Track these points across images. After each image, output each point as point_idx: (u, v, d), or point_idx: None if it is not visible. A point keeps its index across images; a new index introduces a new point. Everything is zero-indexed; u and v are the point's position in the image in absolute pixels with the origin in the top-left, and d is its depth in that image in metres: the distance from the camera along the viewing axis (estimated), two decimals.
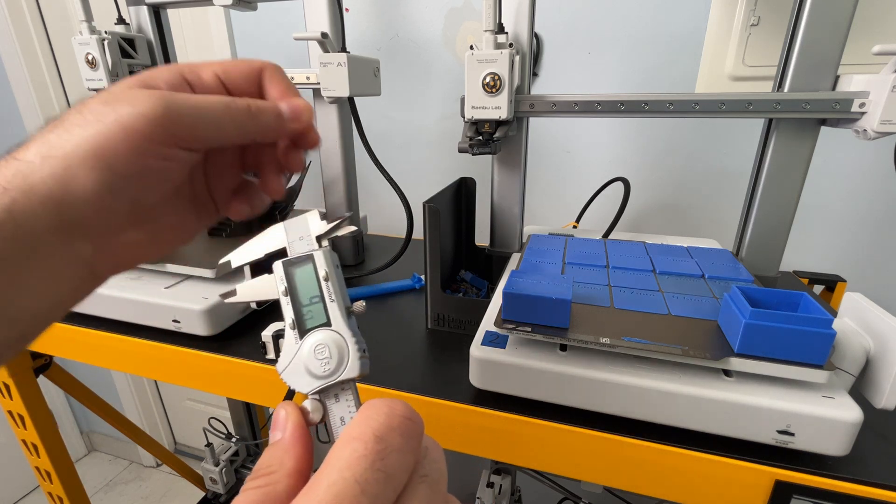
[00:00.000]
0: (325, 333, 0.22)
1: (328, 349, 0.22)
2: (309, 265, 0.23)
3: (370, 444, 0.16)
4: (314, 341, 0.22)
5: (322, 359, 0.22)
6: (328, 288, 0.23)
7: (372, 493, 0.15)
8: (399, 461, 0.17)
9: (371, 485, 0.16)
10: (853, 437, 0.36)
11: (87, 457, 1.93)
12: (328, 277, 0.23)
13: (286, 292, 0.23)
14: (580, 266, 0.55)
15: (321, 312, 0.22)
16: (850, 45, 0.50)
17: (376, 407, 0.18)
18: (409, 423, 0.18)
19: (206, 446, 1.08)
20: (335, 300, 0.22)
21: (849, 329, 0.39)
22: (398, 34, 0.96)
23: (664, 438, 0.40)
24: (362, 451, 0.16)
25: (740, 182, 0.68)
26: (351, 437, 0.17)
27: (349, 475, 0.15)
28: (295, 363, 0.22)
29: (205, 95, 0.24)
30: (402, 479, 0.17)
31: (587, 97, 0.56)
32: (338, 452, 0.16)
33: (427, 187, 0.64)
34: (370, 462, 0.16)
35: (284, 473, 0.18)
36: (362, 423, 0.17)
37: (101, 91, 0.23)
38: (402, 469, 0.17)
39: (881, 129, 0.47)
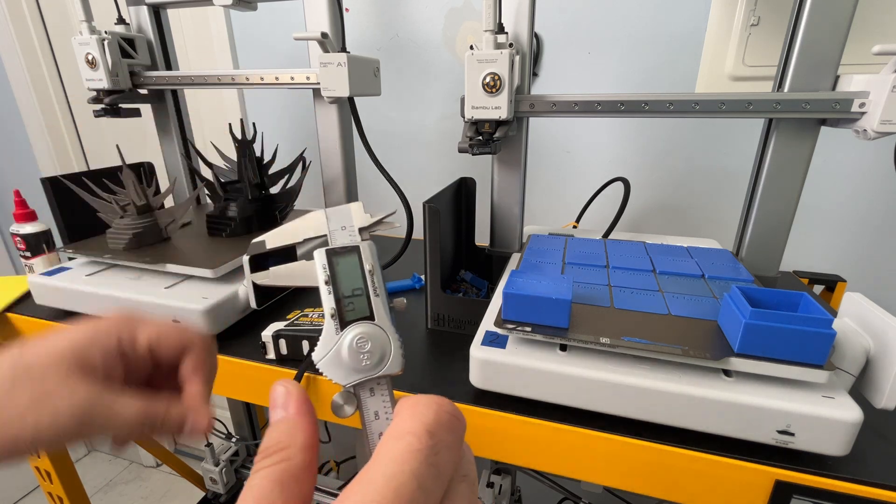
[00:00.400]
0: (368, 327, 0.22)
1: (370, 343, 0.22)
2: (354, 256, 0.23)
3: (423, 439, 0.16)
4: (356, 334, 0.22)
5: (364, 352, 0.21)
6: (373, 282, 0.22)
7: (426, 489, 0.16)
8: (448, 458, 0.17)
9: (426, 479, 0.16)
10: (853, 437, 0.36)
11: (87, 457, 1.92)
12: (373, 271, 0.23)
13: (328, 281, 0.22)
14: (580, 266, 0.55)
15: (364, 305, 0.22)
16: (850, 45, 0.50)
17: (425, 403, 0.18)
18: (456, 421, 0.18)
19: (206, 446, 1.08)
20: (379, 295, 0.22)
21: (849, 329, 0.39)
22: (398, 34, 0.96)
23: (664, 438, 0.40)
24: (417, 445, 0.16)
25: (740, 182, 0.68)
26: (404, 430, 0.17)
27: (406, 469, 0.15)
28: (334, 354, 0.21)
29: (125, 402, 0.26)
30: (449, 476, 0.17)
31: (587, 97, 0.56)
32: (391, 445, 0.16)
33: (427, 187, 0.64)
34: (424, 457, 0.16)
35: (297, 448, 0.18)
36: (413, 419, 0.17)
37: (32, 368, 0.24)
38: (451, 466, 0.17)
39: (881, 129, 0.47)
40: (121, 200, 0.66)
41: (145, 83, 0.78)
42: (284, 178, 0.79)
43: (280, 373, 0.52)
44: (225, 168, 0.77)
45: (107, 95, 0.75)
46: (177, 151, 0.87)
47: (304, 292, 0.69)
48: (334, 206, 0.24)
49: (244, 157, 0.73)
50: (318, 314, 0.57)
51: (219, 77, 0.72)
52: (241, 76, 0.71)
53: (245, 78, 0.71)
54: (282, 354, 0.53)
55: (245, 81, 0.71)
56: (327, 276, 0.22)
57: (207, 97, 1.19)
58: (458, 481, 0.18)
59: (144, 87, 0.79)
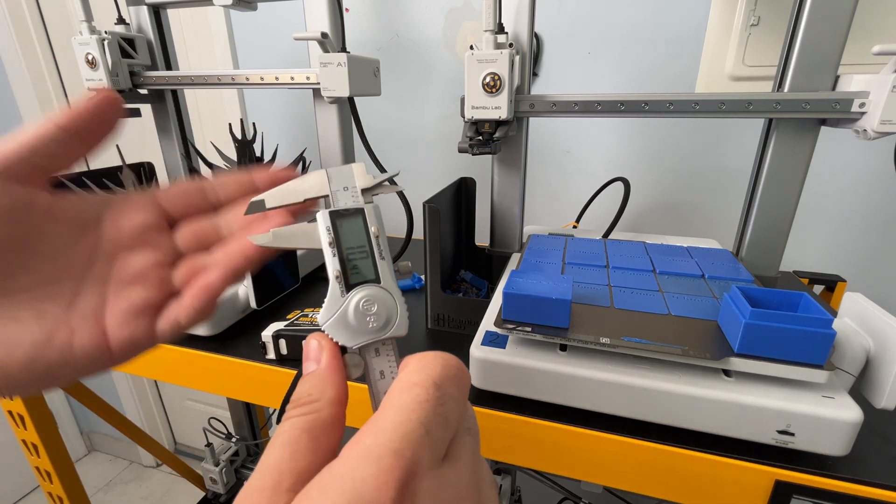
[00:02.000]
0: (374, 290, 0.22)
1: (377, 305, 0.22)
2: (358, 218, 0.23)
3: (431, 390, 0.17)
4: (362, 296, 0.22)
5: (371, 314, 0.22)
6: (378, 244, 0.22)
7: (434, 436, 0.16)
8: (454, 408, 0.18)
9: (433, 427, 0.16)
10: (853, 437, 0.36)
11: (87, 457, 1.93)
12: (378, 234, 0.23)
13: (332, 243, 0.22)
14: (580, 266, 0.55)
15: (370, 268, 0.22)
16: (850, 45, 0.50)
17: (431, 357, 0.19)
18: (462, 374, 0.19)
19: (206, 446, 1.08)
20: (385, 258, 0.22)
21: (849, 329, 0.39)
22: (398, 34, 0.96)
23: (664, 438, 0.40)
24: (425, 395, 0.17)
25: (740, 182, 0.68)
26: (412, 382, 0.17)
27: (414, 417, 0.16)
28: (339, 316, 0.21)
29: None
30: (455, 427, 0.18)
31: (587, 97, 0.56)
32: (400, 396, 0.17)
33: (427, 187, 0.64)
34: (432, 406, 0.17)
35: (327, 402, 0.19)
36: (420, 371, 0.18)
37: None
38: (456, 417, 0.18)
39: (881, 129, 0.47)
40: None
41: (145, 83, 0.78)
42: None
43: (280, 373, 0.52)
44: (225, 168, 0.77)
45: None
46: (177, 151, 0.86)
47: (304, 292, 0.69)
48: (336, 167, 0.24)
49: (244, 157, 0.73)
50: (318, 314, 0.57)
51: (219, 77, 0.72)
52: (241, 76, 0.71)
53: (245, 78, 0.71)
54: (282, 354, 0.53)
55: (245, 81, 0.71)
56: (331, 237, 0.22)
57: (207, 97, 1.19)
58: (462, 433, 0.18)
59: (144, 87, 0.79)
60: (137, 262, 0.23)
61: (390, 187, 0.25)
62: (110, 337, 0.21)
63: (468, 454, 0.18)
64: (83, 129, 0.22)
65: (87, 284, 0.22)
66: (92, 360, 0.21)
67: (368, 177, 0.24)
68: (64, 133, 0.21)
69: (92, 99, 0.22)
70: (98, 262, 0.23)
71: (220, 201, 0.26)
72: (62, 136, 0.21)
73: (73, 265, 0.22)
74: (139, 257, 0.23)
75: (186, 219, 0.25)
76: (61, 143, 0.21)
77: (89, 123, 0.22)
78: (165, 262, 0.24)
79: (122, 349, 0.22)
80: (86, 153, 0.23)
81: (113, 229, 0.23)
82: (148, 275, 0.23)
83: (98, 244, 0.23)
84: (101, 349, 0.21)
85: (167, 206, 0.25)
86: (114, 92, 0.23)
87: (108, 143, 0.24)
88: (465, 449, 0.18)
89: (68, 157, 0.22)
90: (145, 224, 0.24)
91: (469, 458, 0.18)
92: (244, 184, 0.26)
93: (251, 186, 0.26)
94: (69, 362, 0.21)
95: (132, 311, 0.22)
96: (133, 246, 0.23)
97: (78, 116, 0.22)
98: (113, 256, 0.23)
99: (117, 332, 0.22)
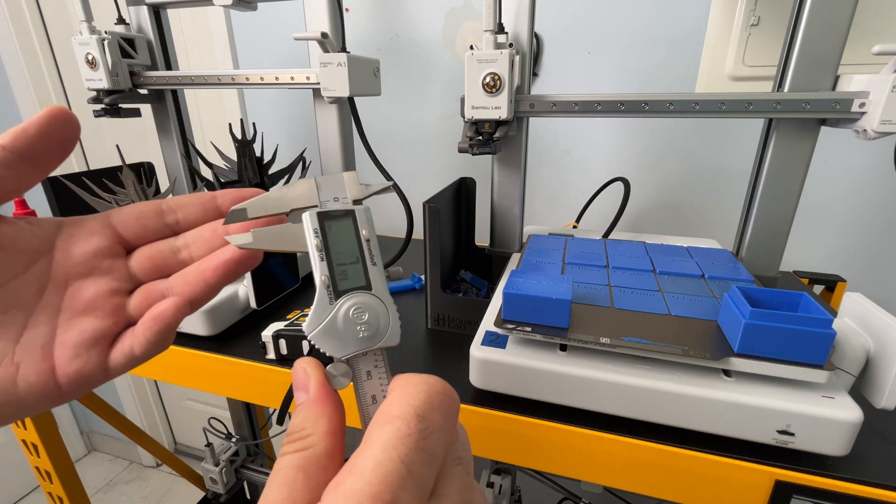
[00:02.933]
0: (365, 297, 0.21)
1: (368, 314, 0.21)
2: (348, 221, 0.22)
3: (412, 423, 0.16)
4: (352, 304, 0.20)
5: (361, 323, 0.20)
6: (369, 249, 0.21)
7: (417, 475, 0.15)
8: (440, 441, 0.17)
9: (416, 465, 0.15)
10: (853, 437, 0.36)
11: (87, 457, 1.92)
12: (369, 237, 0.22)
13: (320, 247, 0.21)
14: (580, 266, 0.55)
15: (359, 274, 0.21)
16: (850, 45, 0.50)
17: (414, 383, 0.18)
18: (448, 401, 0.18)
19: (206, 446, 1.08)
20: (377, 263, 0.21)
21: (849, 329, 0.39)
22: (398, 34, 0.96)
23: (664, 438, 0.40)
24: (405, 430, 0.16)
25: (740, 182, 0.68)
26: (392, 415, 0.16)
27: (395, 455, 0.15)
28: (328, 325, 0.20)
29: None
30: (441, 459, 0.17)
31: (587, 97, 0.56)
32: (379, 431, 0.16)
33: (427, 187, 0.64)
34: (414, 442, 0.16)
35: (320, 435, 0.18)
36: (402, 401, 0.17)
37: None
38: (442, 449, 0.17)
39: (881, 129, 0.47)
40: (121, 200, 0.66)
41: (145, 83, 0.78)
42: (284, 178, 0.79)
43: (280, 373, 0.52)
44: (225, 168, 0.76)
45: (107, 95, 0.75)
46: (177, 151, 0.86)
47: (304, 292, 0.69)
48: (326, 175, 0.23)
49: (244, 157, 0.73)
50: None
51: (219, 77, 0.72)
52: (241, 76, 0.71)
53: (245, 78, 0.71)
54: (282, 354, 0.53)
55: (245, 81, 0.71)
56: (319, 241, 0.21)
57: (207, 97, 1.19)
58: (451, 465, 0.17)
59: (144, 87, 0.79)
60: (90, 290, 0.22)
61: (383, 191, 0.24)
62: (58, 371, 0.20)
63: (456, 489, 0.17)
64: (32, 150, 0.20)
65: (37, 315, 0.21)
66: (38, 396, 0.20)
67: (361, 186, 0.23)
68: (9, 155, 0.19)
69: (41, 116, 0.20)
70: (49, 292, 0.21)
71: (179, 224, 0.24)
72: (8, 158, 0.19)
73: (21, 295, 0.21)
74: (92, 285, 0.22)
75: (143, 243, 0.24)
76: (8, 166, 0.19)
77: (39, 143, 0.20)
78: (120, 289, 0.23)
79: (71, 384, 0.21)
80: (38, 178, 0.21)
81: (65, 256, 0.22)
82: (101, 304, 0.22)
83: (49, 272, 0.21)
84: (47, 385, 0.20)
85: (122, 230, 0.23)
86: (65, 108, 0.21)
87: (59, 163, 0.22)
88: (452, 484, 0.17)
89: (17, 182, 0.20)
90: (98, 250, 0.22)
91: (457, 493, 0.17)
92: (206, 206, 0.24)
93: (214, 209, 0.24)
94: (12, 400, 0.20)
95: (83, 342, 0.21)
96: (86, 274, 0.22)
97: (24, 136, 0.20)
98: (64, 285, 0.22)
99: (66, 366, 0.20)
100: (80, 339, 0.21)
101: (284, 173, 0.78)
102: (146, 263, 0.23)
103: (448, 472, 0.17)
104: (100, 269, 0.22)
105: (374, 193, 0.23)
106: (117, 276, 0.23)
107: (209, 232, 0.24)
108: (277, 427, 0.50)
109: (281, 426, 0.51)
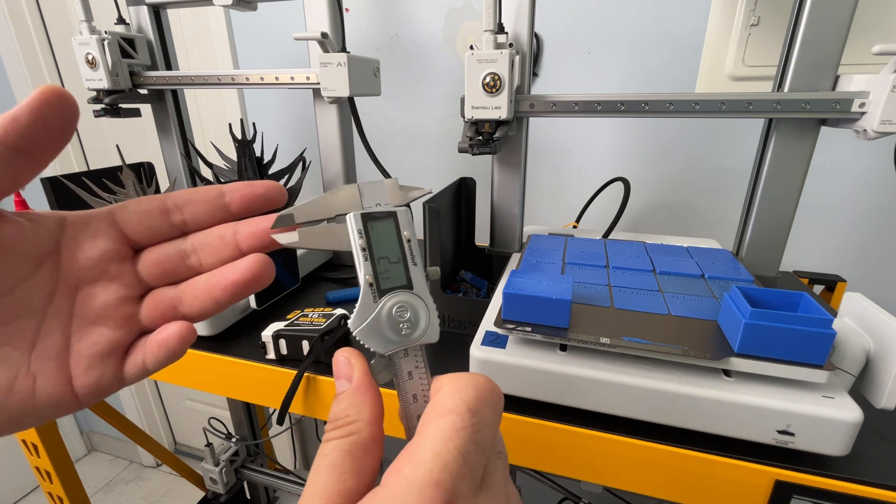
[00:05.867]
0: (407, 296, 0.22)
1: (409, 312, 0.22)
2: (390, 222, 0.23)
3: (466, 417, 0.17)
4: (395, 303, 0.22)
5: (403, 321, 0.21)
6: (410, 250, 0.22)
7: (471, 465, 0.16)
8: (489, 435, 0.18)
9: (471, 456, 0.16)
10: (853, 437, 0.36)
11: (87, 457, 1.92)
12: (410, 238, 0.23)
13: (364, 248, 0.22)
14: (580, 266, 0.55)
15: (401, 274, 0.22)
16: (850, 45, 0.50)
17: (465, 380, 0.19)
18: (496, 398, 0.19)
19: (206, 446, 1.08)
20: (417, 263, 0.22)
21: (849, 329, 0.39)
22: (398, 34, 0.96)
23: (664, 438, 0.40)
24: (460, 423, 0.17)
25: (740, 182, 0.68)
26: (446, 409, 0.17)
27: (452, 446, 0.16)
28: (372, 322, 0.21)
29: None
30: (489, 452, 0.18)
31: (587, 97, 0.56)
32: (436, 423, 0.17)
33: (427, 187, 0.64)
34: (469, 435, 0.17)
35: (365, 421, 0.19)
36: (454, 396, 0.18)
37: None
38: (491, 443, 0.18)
39: (881, 129, 0.47)
40: (121, 200, 0.66)
41: (145, 83, 0.78)
42: (284, 178, 0.79)
43: (280, 373, 0.52)
44: (225, 168, 0.77)
45: (107, 95, 0.75)
46: (177, 151, 0.86)
47: (304, 292, 0.69)
48: (368, 181, 0.24)
49: (244, 157, 0.73)
50: (317, 314, 0.57)
51: (219, 77, 0.72)
52: (241, 76, 0.71)
53: (245, 78, 0.71)
54: (282, 354, 0.53)
55: (245, 81, 0.71)
56: (363, 242, 0.22)
57: (207, 97, 1.19)
58: (495, 458, 0.18)
59: (144, 87, 0.79)
60: (100, 297, 0.21)
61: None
62: (75, 383, 0.20)
63: (501, 479, 0.18)
64: (26, 141, 0.18)
65: (49, 322, 0.20)
66: (56, 406, 0.20)
67: (402, 193, 0.24)
68: (0, 149, 0.17)
69: (32, 100, 0.18)
70: (59, 297, 0.20)
71: (186, 224, 0.23)
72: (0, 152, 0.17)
73: (31, 301, 0.20)
74: (102, 292, 0.21)
75: (150, 244, 0.23)
76: (0, 162, 0.17)
77: (33, 132, 0.18)
78: (131, 297, 0.22)
79: (87, 395, 0.20)
80: (37, 170, 0.19)
81: (71, 260, 0.21)
82: (112, 312, 0.21)
83: (57, 276, 0.21)
84: (65, 395, 0.20)
85: (128, 230, 0.22)
86: (59, 88, 0.18)
87: (58, 152, 0.19)
88: (498, 474, 0.18)
89: (13, 178, 0.18)
90: (105, 253, 0.21)
91: (502, 483, 0.18)
92: (214, 205, 0.23)
93: (221, 208, 0.23)
94: (31, 412, 0.19)
95: (97, 354, 0.20)
96: (95, 279, 0.21)
97: (15, 126, 0.17)
98: (75, 290, 0.21)
99: (82, 378, 0.20)
100: (95, 351, 0.20)
101: (284, 173, 0.78)
102: (155, 269, 0.23)
103: (493, 464, 0.18)
104: (108, 273, 0.22)
105: (414, 199, 0.24)
106: (127, 281, 0.22)
107: (217, 239, 0.23)
108: (277, 427, 0.50)
109: (281, 426, 0.51)
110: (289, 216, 0.23)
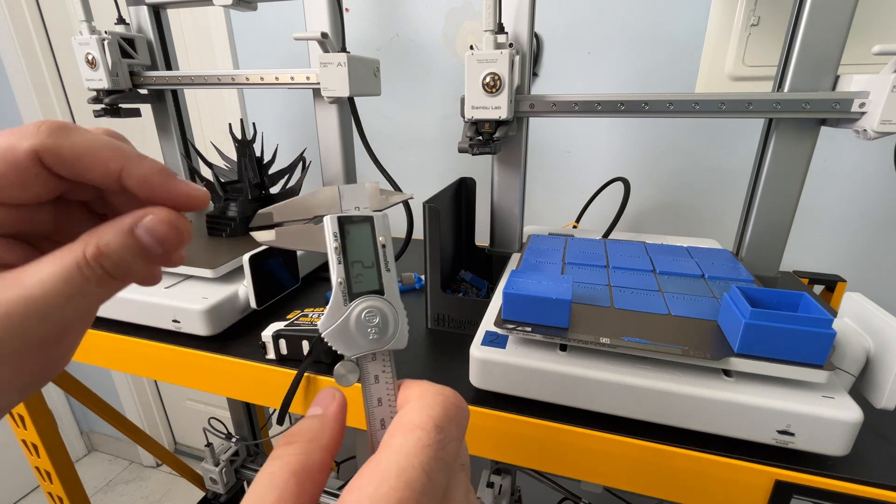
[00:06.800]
0: (377, 301, 0.22)
1: (379, 317, 0.22)
2: (366, 227, 0.23)
3: (432, 433, 0.17)
4: (365, 307, 0.22)
5: (372, 326, 0.22)
6: (384, 255, 0.22)
7: (435, 481, 0.17)
8: (453, 450, 0.18)
9: (435, 472, 0.17)
10: (853, 437, 0.36)
11: (87, 457, 1.93)
12: (385, 244, 0.23)
13: (338, 250, 0.22)
14: (580, 266, 0.55)
15: (374, 278, 0.22)
16: (850, 45, 0.50)
17: (432, 394, 0.19)
18: (462, 413, 0.19)
19: (206, 446, 1.08)
20: (391, 269, 0.22)
21: (849, 329, 0.39)
22: (398, 34, 0.96)
23: (664, 438, 0.40)
24: (426, 440, 0.17)
25: (740, 182, 0.68)
26: (413, 424, 0.18)
27: (417, 463, 0.16)
28: (341, 325, 0.21)
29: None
30: (453, 466, 0.18)
31: (587, 97, 0.56)
32: (401, 439, 0.17)
33: (427, 187, 0.64)
34: (434, 451, 0.17)
35: (319, 446, 0.19)
36: (421, 412, 0.18)
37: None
38: (455, 457, 0.18)
39: (881, 129, 0.47)
40: None
41: (145, 83, 0.78)
42: (284, 178, 0.79)
43: (280, 373, 0.52)
44: (225, 168, 0.77)
45: (107, 95, 0.75)
46: (177, 151, 0.86)
47: (304, 292, 0.69)
48: (348, 184, 0.24)
49: (244, 157, 0.73)
50: (317, 314, 0.57)
51: (219, 77, 0.72)
52: (241, 76, 0.71)
53: (245, 78, 0.71)
54: (282, 354, 0.53)
55: (245, 81, 0.71)
56: (338, 244, 0.22)
57: (207, 97, 1.19)
58: (458, 470, 0.19)
59: (144, 87, 0.79)
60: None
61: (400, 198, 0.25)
62: None
63: (462, 493, 0.19)
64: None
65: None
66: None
67: (382, 197, 0.24)
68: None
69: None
70: None
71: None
72: None
73: None
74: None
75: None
76: None
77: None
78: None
79: None
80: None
81: None
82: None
83: None
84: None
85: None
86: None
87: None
88: (459, 489, 0.18)
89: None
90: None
91: (462, 497, 0.18)
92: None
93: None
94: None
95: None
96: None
97: None
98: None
99: None
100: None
101: (284, 173, 0.78)
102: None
103: (455, 477, 0.18)
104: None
105: (394, 204, 0.24)
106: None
107: None
108: (277, 427, 0.50)
109: (281, 426, 0.51)
110: (267, 214, 0.23)
